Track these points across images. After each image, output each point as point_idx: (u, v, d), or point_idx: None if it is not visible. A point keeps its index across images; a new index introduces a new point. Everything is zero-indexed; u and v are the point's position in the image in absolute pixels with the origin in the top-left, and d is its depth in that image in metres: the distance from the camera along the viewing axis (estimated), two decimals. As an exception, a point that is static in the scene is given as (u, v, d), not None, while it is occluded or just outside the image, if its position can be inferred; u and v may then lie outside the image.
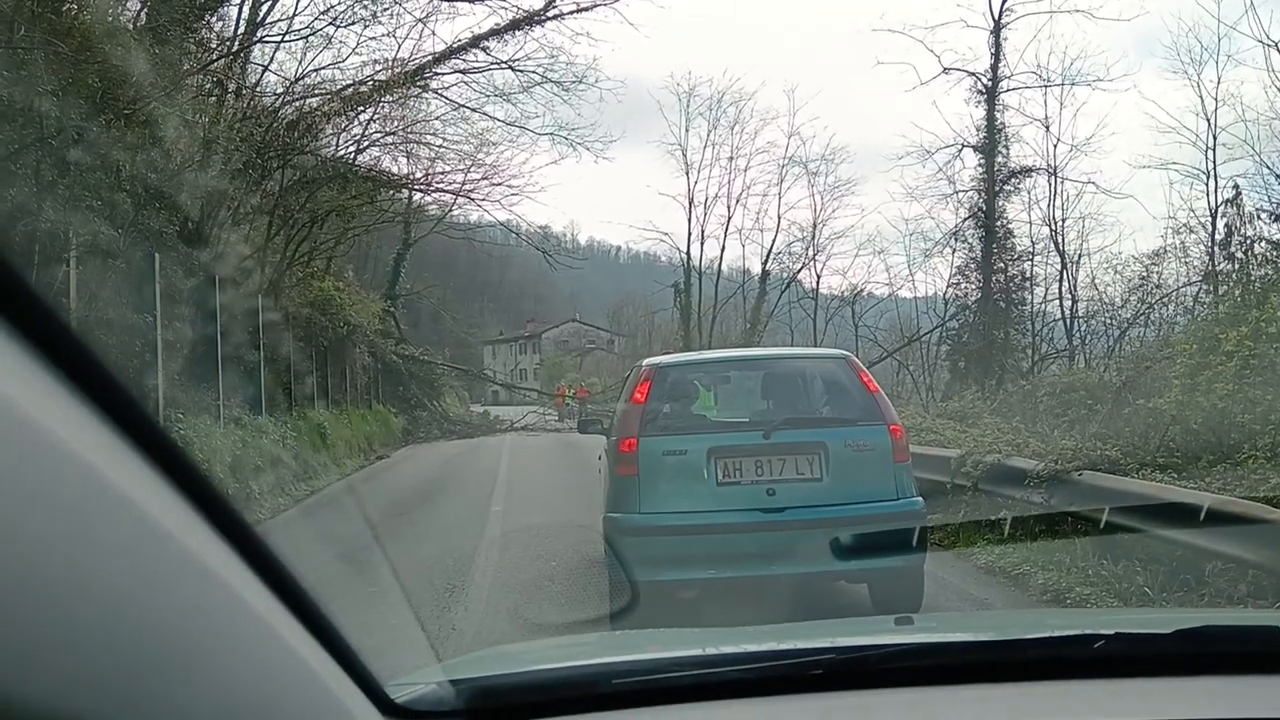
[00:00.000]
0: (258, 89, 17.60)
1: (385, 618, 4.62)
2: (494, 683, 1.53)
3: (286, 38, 17.47)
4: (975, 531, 7.89)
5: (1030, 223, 23.92)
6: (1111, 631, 1.54)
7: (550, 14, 20.08)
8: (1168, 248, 20.88)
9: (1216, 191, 20.38)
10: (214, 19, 16.09)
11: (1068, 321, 23.08)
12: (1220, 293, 16.62)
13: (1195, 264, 20.37)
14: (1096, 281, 23.06)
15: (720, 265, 35.95)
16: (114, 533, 0.57)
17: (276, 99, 17.82)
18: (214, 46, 15.74)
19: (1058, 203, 23.69)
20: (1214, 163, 20.67)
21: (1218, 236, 19.73)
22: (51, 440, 0.53)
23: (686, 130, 35.75)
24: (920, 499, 5.79)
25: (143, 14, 13.67)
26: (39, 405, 0.52)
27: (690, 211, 35.06)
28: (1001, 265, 23.38)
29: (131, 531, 0.59)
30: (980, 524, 7.78)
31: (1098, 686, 1.48)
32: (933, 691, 1.48)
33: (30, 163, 9.77)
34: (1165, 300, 20.46)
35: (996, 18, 23.07)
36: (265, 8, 17.29)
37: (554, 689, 1.51)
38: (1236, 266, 18.27)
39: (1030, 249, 23.84)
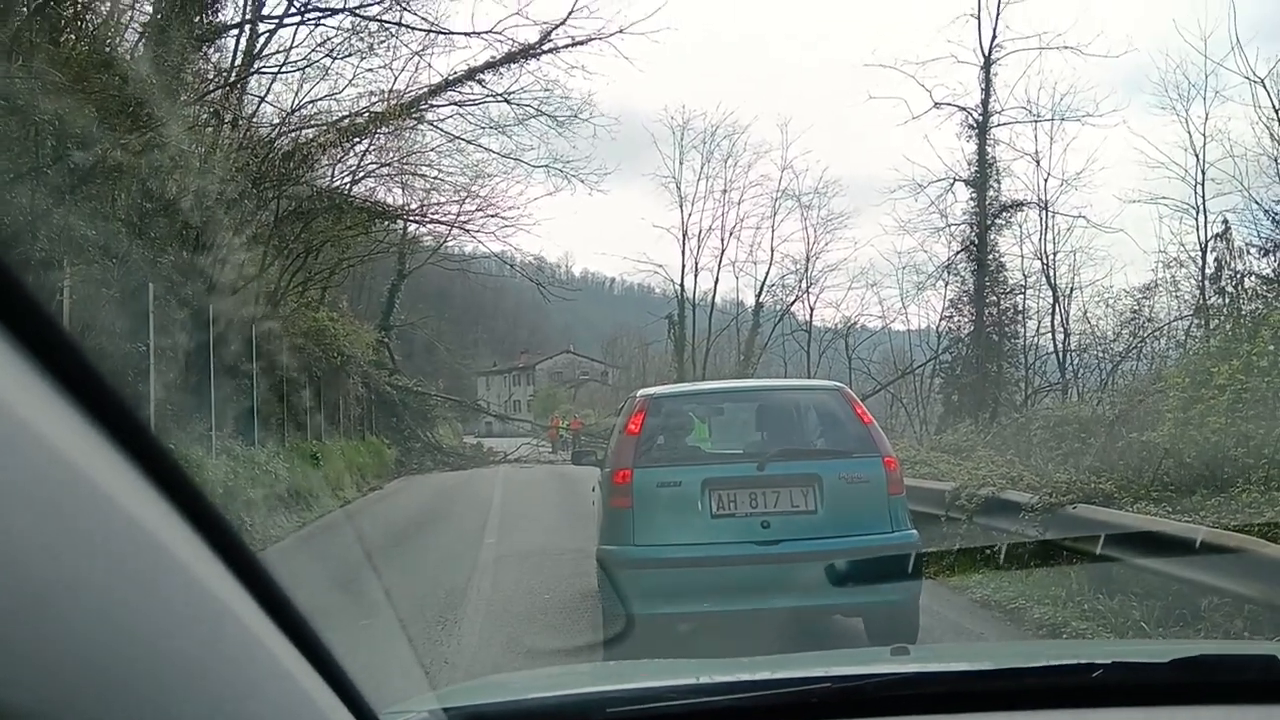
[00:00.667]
0: (254, 120, 17.71)
1: (379, 649, 4.57)
2: (486, 711, 1.51)
3: (283, 69, 17.63)
4: (970, 565, 7.85)
5: (1022, 256, 24.11)
6: (1108, 661, 1.53)
7: (545, 48, 20.29)
8: (1159, 282, 21.04)
9: (1206, 226, 20.57)
10: (212, 50, 16.22)
11: (1060, 355, 23.17)
12: (1211, 327, 16.70)
13: (1186, 298, 20.52)
14: (1088, 315, 23.21)
15: (714, 297, 36.08)
16: (105, 539, 0.57)
17: (273, 130, 17.92)
18: (211, 77, 15.85)
19: (1049, 236, 23.89)
20: (1203, 198, 20.86)
21: (1208, 271, 19.89)
22: (45, 446, 0.52)
23: (680, 163, 36.01)
24: (915, 531, 5.77)
25: (141, 44, 13.77)
26: (34, 411, 0.52)
27: (684, 244, 35.25)
28: (994, 298, 23.51)
29: (124, 540, 0.59)
30: (975, 557, 7.74)
31: (1095, 716, 1.47)
32: None
33: (25, 191, 9.78)
34: (1157, 334, 20.57)
35: (986, 54, 23.37)
36: (263, 39, 17.47)
37: (547, 717, 1.49)
38: (1227, 300, 18.40)
39: (1022, 282, 24.01)
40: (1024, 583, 7.22)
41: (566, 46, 20.31)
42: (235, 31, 16.78)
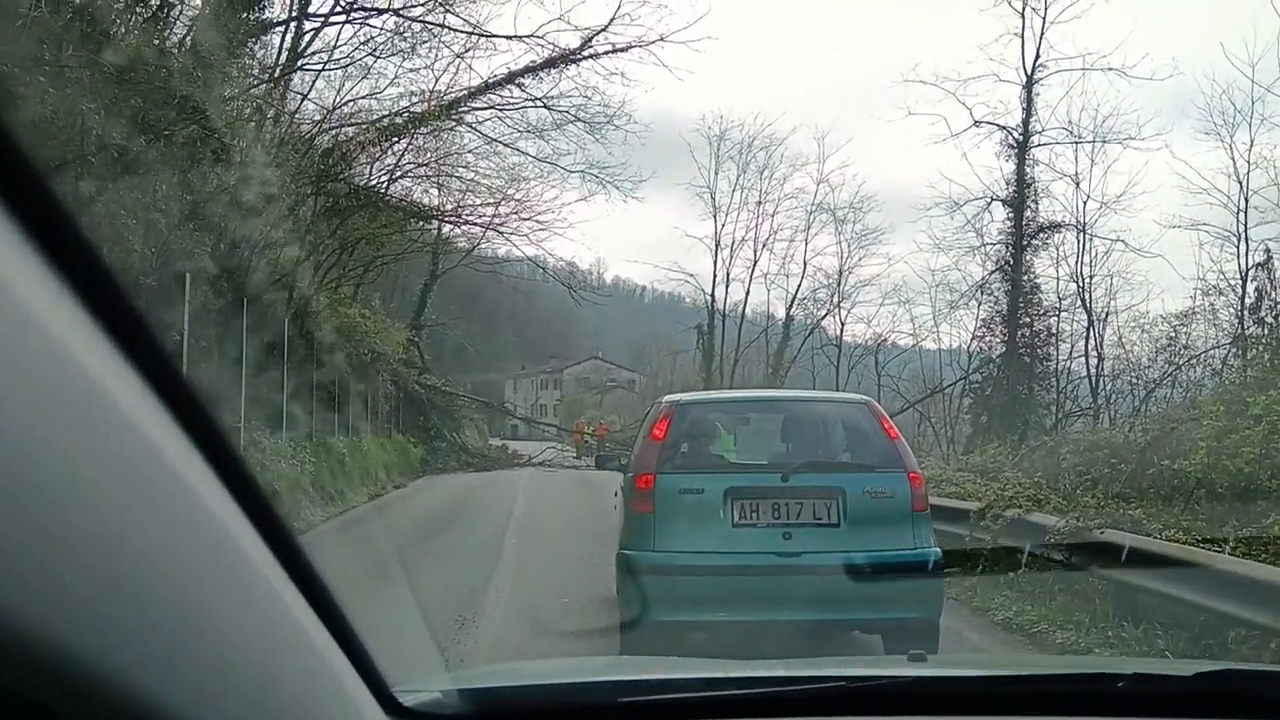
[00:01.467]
0: (296, 116, 17.91)
1: (402, 633, 4.58)
2: (499, 693, 1.51)
3: (327, 67, 17.84)
4: (993, 586, 7.77)
5: (1058, 278, 23.85)
6: (1131, 672, 1.50)
7: (585, 53, 20.37)
8: (1196, 309, 20.72)
9: (1247, 254, 20.29)
10: (257, 46, 16.42)
11: (1093, 379, 22.89)
12: (1249, 356, 16.43)
13: (1224, 326, 20.21)
14: (1123, 340, 22.88)
15: (744, 309, 36.02)
16: (122, 466, 0.57)
17: (314, 126, 18.13)
18: (256, 73, 16.05)
19: (1086, 259, 23.63)
20: (1245, 225, 20.59)
21: (1248, 300, 19.60)
22: (92, 388, 0.53)
23: (716, 173, 35.97)
24: (938, 549, 5.72)
25: (188, 39, 13.97)
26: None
27: (716, 254, 35.26)
28: (1027, 320, 23.28)
29: (142, 471, 0.59)
30: (998, 579, 7.66)
31: None
32: None
33: (70, 179, 9.94)
34: (1193, 362, 20.25)
35: (1029, 73, 23.20)
36: (308, 37, 17.69)
37: (558, 700, 1.49)
38: (1266, 330, 18.10)
39: (1057, 305, 23.75)
40: (1047, 606, 7.14)
41: (607, 53, 20.42)
42: (281, 28, 17.01)
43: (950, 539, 7.80)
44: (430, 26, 18.15)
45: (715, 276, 35.26)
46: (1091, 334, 23.25)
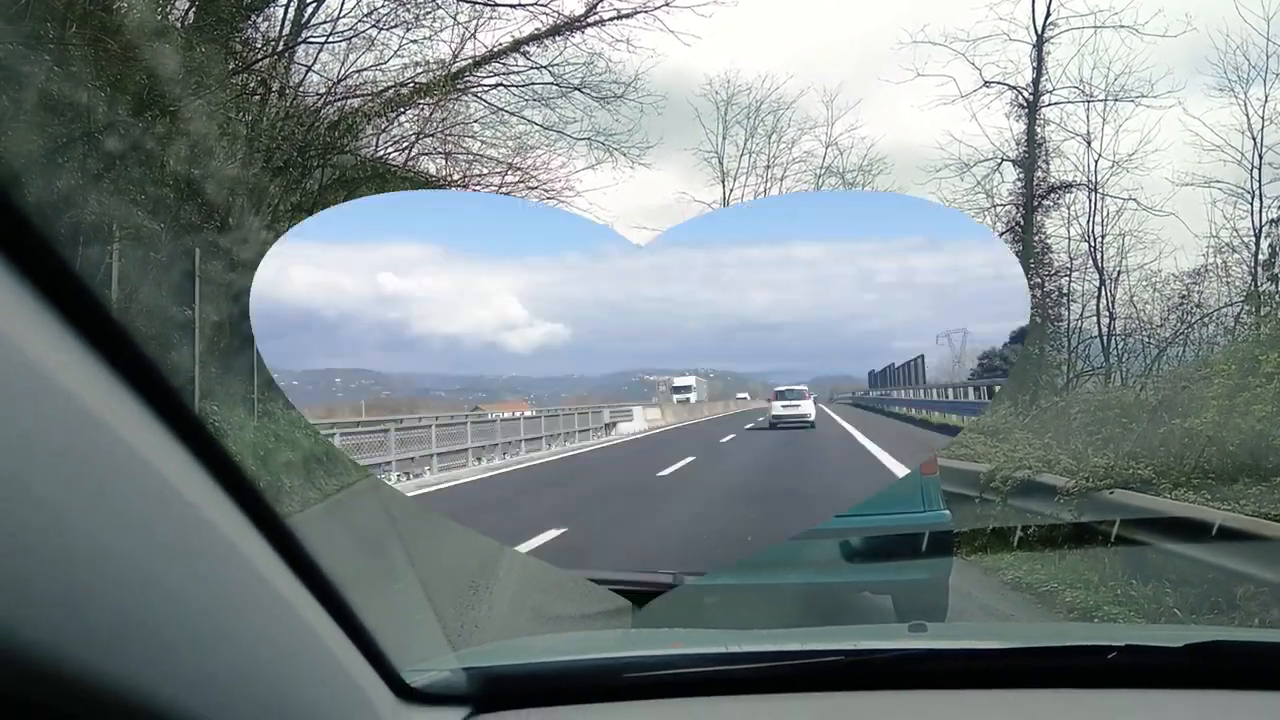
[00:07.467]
0: (300, 89, 17.83)
1: (406, 611, 4.65)
2: (506, 671, 1.55)
3: (330, 39, 17.71)
4: (1003, 546, 7.81)
5: (1069, 238, 23.63)
6: (1122, 643, 1.53)
7: (591, 20, 20.16)
8: (1209, 267, 20.53)
9: (1261, 211, 20.04)
10: (260, 19, 16.33)
11: (1104, 339, 22.75)
12: (1262, 314, 16.31)
13: (1237, 284, 20.03)
14: (1135, 299, 22.71)
15: (754, 274, 35.85)
16: (140, 504, 0.59)
17: (318, 99, 18.03)
18: (259, 46, 15.97)
19: (1097, 219, 23.39)
20: (1259, 182, 20.31)
21: (1261, 257, 19.41)
22: (78, 409, 0.55)
23: (723, 138, 35.59)
24: (947, 511, 5.75)
25: (190, 13, 13.91)
26: (67, 374, 0.54)
27: (725, 219, 35.01)
28: (1038, 280, 23.12)
29: (157, 504, 0.61)
30: (1008, 539, 7.70)
31: (1106, 696, 1.48)
32: (940, 695, 1.48)
33: (77, 155, 9.96)
34: (1205, 320, 20.11)
35: (1039, 32, 22.87)
36: (310, 9, 17.56)
37: (565, 679, 1.52)
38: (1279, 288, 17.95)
39: (1068, 265, 23.57)
40: (1056, 566, 7.18)
41: (612, 19, 20.17)
42: (283, 0, 16.89)
43: (960, 501, 7.84)
44: (433, -5, 17.99)
45: (724, 242, 35.09)
46: (1103, 293, 23.07)
